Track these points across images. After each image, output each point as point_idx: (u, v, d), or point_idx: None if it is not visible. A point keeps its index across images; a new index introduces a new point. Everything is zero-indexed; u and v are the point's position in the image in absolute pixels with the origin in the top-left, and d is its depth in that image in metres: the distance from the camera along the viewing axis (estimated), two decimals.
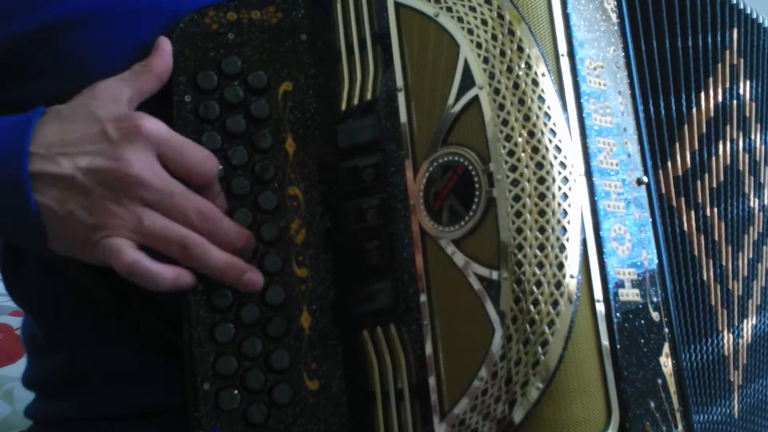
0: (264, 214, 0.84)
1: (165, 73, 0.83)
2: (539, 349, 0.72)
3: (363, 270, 0.81)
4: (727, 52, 0.90)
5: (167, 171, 0.79)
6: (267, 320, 0.82)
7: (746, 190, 0.92)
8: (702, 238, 0.86)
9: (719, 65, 0.90)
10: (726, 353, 0.86)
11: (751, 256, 0.91)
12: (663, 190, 0.84)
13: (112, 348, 0.88)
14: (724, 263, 0.87)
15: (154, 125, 0.78)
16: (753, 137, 0.93)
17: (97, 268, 0.80)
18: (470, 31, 0.77)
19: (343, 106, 0.84)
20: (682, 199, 0.86)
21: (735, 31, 0.91)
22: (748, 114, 0.93)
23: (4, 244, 0.95)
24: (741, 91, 0.92)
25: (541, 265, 0.73)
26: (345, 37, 0.85)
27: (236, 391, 0.80)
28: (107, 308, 0.84)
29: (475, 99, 0.76)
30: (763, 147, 0.94)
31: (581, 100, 0.77)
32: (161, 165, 0.78)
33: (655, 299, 0.78)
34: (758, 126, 0.94)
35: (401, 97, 0.80)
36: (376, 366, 0.79)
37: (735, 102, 0.91)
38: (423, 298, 0.77)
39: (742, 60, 0.92)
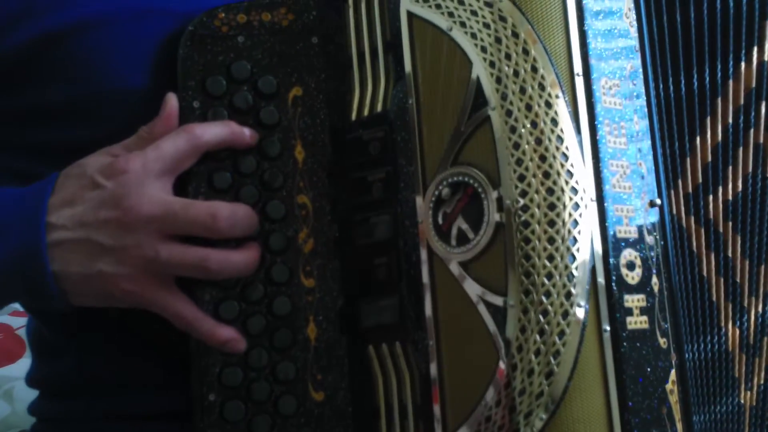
0: (272, 223, 0.83)
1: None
2: (544, 380, 0.71)
3: (370, 285, 0.80)
4: (742, 63, 0.86)
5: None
6: (273, 331, 0.82)
7: None
8: (713, 256, 0.84)
9: (729, 81, 0.86)
10: (737, 375, 0.85)
11: None
12: (674, 210, 0.82)
13: (120, 355, 0.88)
14: (738, 279, 0.85)
15: (136, 158, 0.78)
16: None
17: None
18: (483, 49, 0.75)
19: (353, 116, 0.82)
20: (692, 218, 0.83)
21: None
22: None
23: None
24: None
25: (548, 294, 0.72)
26: (357, 43, 0.83)
27: (241, 403, 0.80)
28: (111, 315, 0.84)
29: (487, 119, 0.74)
30: None
31: (596, 122, 0.75)
32: (164, 183, 0.79)
33: (663, 325, 0.77)
34: None
35: (412, 111, 0.78)
36: (381, 382, 0.79)
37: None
38: (429, 317, 0.76)
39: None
